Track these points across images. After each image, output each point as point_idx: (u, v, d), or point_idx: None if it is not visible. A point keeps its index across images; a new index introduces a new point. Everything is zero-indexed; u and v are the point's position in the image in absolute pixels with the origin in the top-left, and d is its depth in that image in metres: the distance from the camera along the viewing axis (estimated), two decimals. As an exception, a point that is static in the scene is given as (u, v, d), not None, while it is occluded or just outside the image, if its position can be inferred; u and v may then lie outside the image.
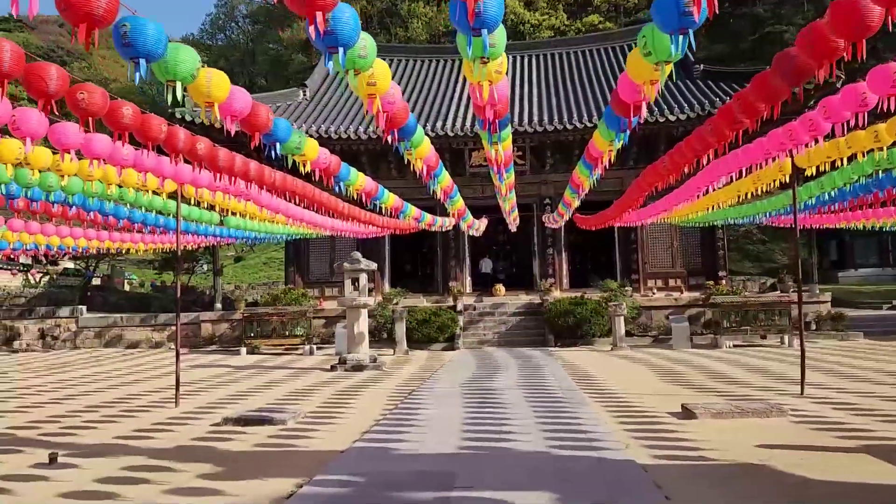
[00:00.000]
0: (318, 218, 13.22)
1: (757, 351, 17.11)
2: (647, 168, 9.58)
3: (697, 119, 21.99)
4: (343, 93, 27.21)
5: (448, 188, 8.94)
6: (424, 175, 7.16)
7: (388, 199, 10.33)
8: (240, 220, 14.16)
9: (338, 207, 11.34)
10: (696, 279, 24.42)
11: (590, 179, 11.23)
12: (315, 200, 10.01)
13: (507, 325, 21.62)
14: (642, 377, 12.27)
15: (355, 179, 8.31)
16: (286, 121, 5.87)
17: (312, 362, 17.04)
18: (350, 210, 12.15)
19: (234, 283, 40.98)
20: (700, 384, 11.07)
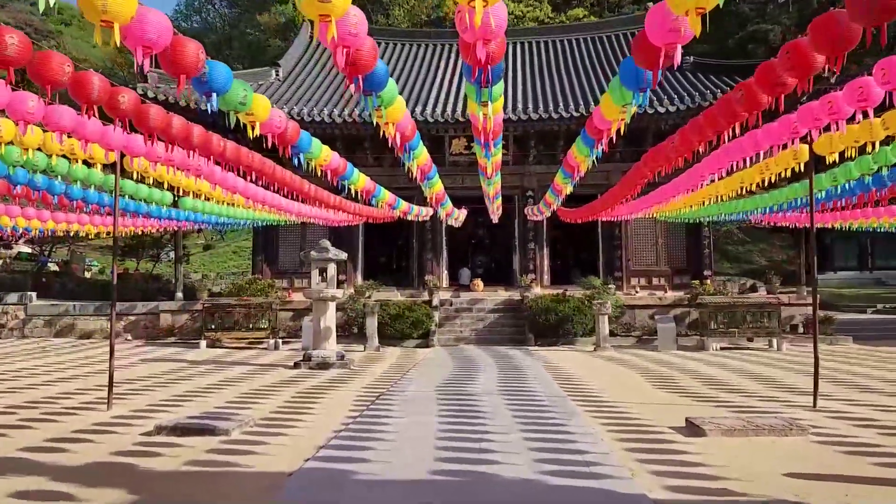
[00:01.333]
0: (282, 201, 12.04)
1: (746, 354, 16.26)
2: (650, 151, 8.55)
3: (687, 111, 21.13)
4: (319, 73, 25.96)
5: (426, 166, 7.84)
6: (398, 146, 6.05)
7: (357, 179, 9.19)
8: (196, 201, 12.92)
9: (303, 189, 10.18)
10: (681, 278, 23.60)
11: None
12: (275, 179, 8.85)
13: (485, 322, 20.59)
14: (632, 382, 11.29)
15: (318, 153, 7.17)
16: (225, 65, 4.73)
17: (276, 358, 15.86)
18: (317, 193, 10.99)
19: (201, 273, 39.49)
20: (696, 392, 10.11)
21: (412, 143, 7.66)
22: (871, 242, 39.80)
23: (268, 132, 5.79)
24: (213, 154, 7.08)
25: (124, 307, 21.90)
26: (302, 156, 6.83)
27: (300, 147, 6.64)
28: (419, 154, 8.32)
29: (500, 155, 9.83)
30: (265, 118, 5.53)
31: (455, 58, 27.64)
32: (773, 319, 17.78)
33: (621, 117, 7.28)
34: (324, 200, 11.44)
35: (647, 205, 13.97)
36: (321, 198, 11.18)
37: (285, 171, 9.36)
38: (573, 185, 12.20)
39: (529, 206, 21.55)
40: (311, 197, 10.66)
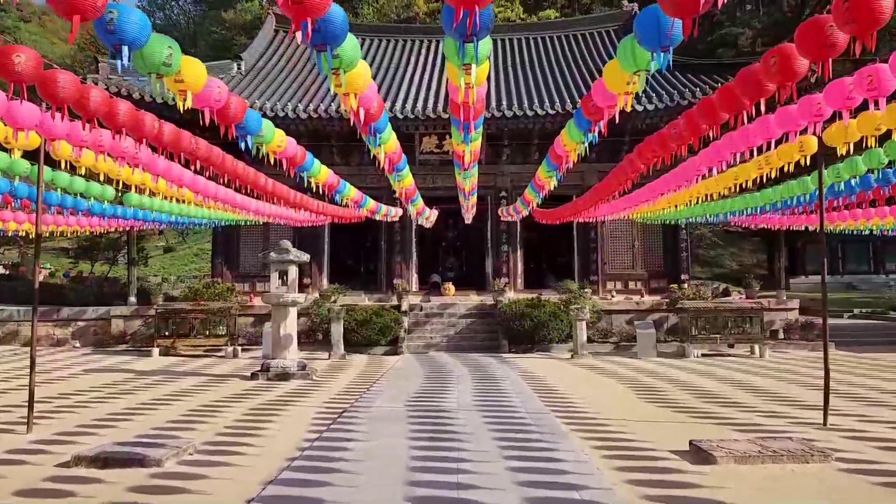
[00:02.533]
0: (236, 197, 10.97)
1: (729, 362, 15.58)
2: (645, 140, 7.68)
3: (666, 110, 20.50)
4: (284, 68, 24.82)
5: (394, 155, 6.88)
6: (362, 125, 5.09)
7: (318, 171, 8.19)
8: (143, 197, 11.78)
9: (258, 182, 9.14)
10: (658, 282, 22.94)
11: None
12: (225, 170, 7.81)
13: (456, 327, 19.66)
14: (618, 395, 10.45)
15: (269, 137, 6.17)
16: (141, 13, 3.72)
17: (233, 367, 14.73)
18: (275, 188, 9.95)
19: (161, 276, 37.92)
20: (689, 406, 9.30)
21: (379, 123, 6.72)
22: (842, 247, 39.83)
23: (204, 106, 4.79)
24: (146, 136, 6.04)
25: (72, 312, 20.55)
26: (250, 139, 5.82)
27: (247, 127, 5.64)
28: (387, 139, 7.38)
29: (480, 141, 8.97)
30: (199, 87, 4.53)
31: (426, 54, 26.75)
32: (755, 325, 17.14)
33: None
34: (283, 196, 10.40)
35: (634, 202, 13.16)
36: (279, 193, 10.13)
37: (237, 162, 8.33)
38: (558, 178, 11.46)
39: (503, 207, 20.72)
40: (267, 192, 9.61)
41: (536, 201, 15.51)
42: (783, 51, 4.31)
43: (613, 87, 4.65)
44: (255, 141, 6.07)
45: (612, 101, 5.08)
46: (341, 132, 21.29)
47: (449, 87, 4.47)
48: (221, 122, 5.22)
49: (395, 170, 7.47)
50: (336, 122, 20.68)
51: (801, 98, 5.72)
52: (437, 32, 29.00)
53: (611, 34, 27.37)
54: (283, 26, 27.85)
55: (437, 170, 22.34)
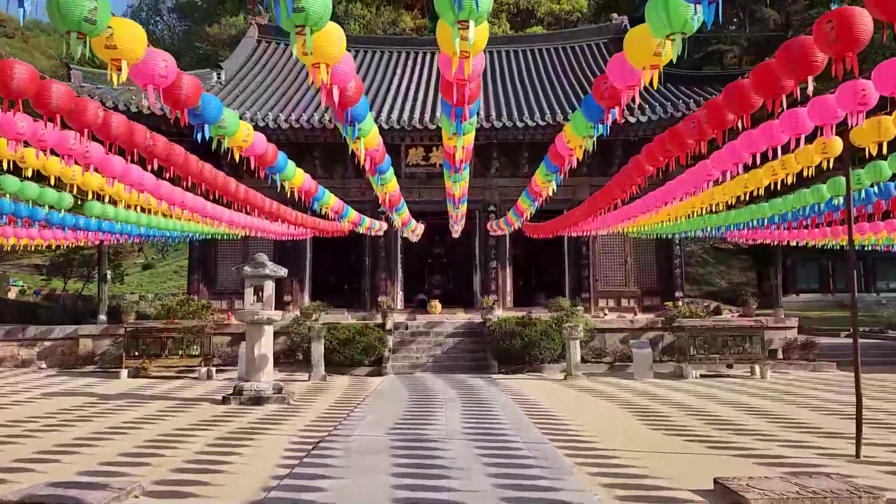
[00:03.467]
0: (206, 205, 10.10)
1: (731, 384, 14.81)
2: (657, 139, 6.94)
3: (658, 122, 19.89)
4: (266, 78, 24.05)
5: (376, 153, 6.09)
6: (336, 106, 4.29)
7: (293, 174, 7.37)
8: (107, 206, 10.89)
9: (227, 188, 8.30)
10: (651, 299, 22.25)
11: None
12: (188, 172, 6.97)
13: (443, 347, 18.78)
14: (620, 420, 9.63)
15: (233, 128, 5.36)
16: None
17: (205, 390, 13.77)
18: (248, 194, 9.11)
19: (139, 293, 36.75)
20: (700, 433, 8.50)
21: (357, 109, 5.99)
22: (832, 265, 39.45)
23: (145, 82, 3.98)
24: (91, 127, 5.21)
25: (39, 331, 19.50)
26: (207, 129, 5.00)
27: (204, 114, 4.82)
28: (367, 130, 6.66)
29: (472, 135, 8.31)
30: (136, 56, 3.71)
31: (413, 66, 26.10)
32: (755, 345, 16.42)
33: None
34: (256, 205, 9.55)
35: (632, 214, 12.41)
36: (252, 201, 9.29)
37: (203, 164, 7.50)
38: (558, 182, 10.81)
39: (492, 221, 19.97)
40: (239, 199, 8.77)
41: (530, 212, 14.81)
42: (842, 15, 3.57)
43: (637, 58, 3.89)
44: (215, 133, 5.25)
45: (634, 80, 4.36)
46: (325, 143, 20.51)
47: (440, 61, 3.74)
48: (170, 103, 4.40)
49: (377, 171, 6.66)
50: (319, 132, 19.91)
51: (842, 84, 5.00)
52: (423, 44, 28.42)
53: (600, 47, 26.88)
54: (266, 37, 27.17)
55: (424, 183, 21.62)
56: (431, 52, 27.26)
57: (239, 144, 5.74)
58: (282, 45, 26.80)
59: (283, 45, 26.81)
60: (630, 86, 4.29)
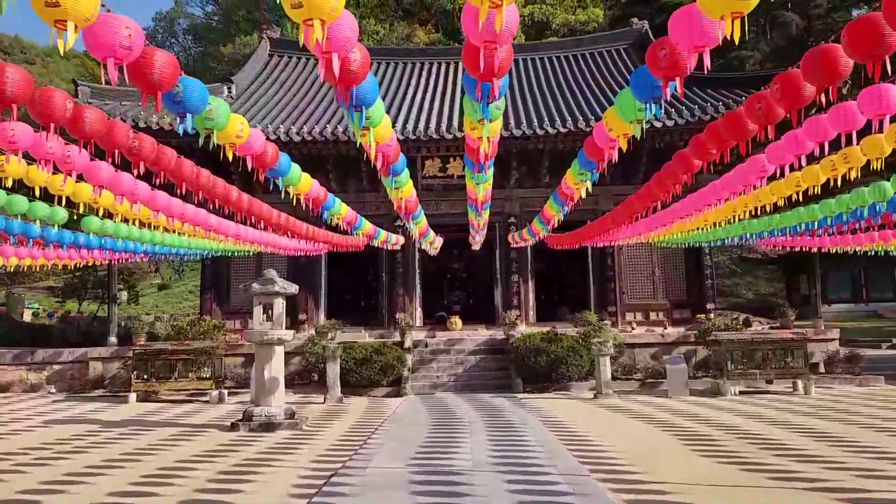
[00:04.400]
0: (210, 218, 9.39)
1: (773, 401, 13.82)
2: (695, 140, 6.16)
3: (686, 126, 19.05)
4: (277, 92, 23.54)
5: (389, 150, 5.33)
6: (339, 89, 3.55)
7: (297, 177, 6.63)
8: (106, 222, 10.24)
9: (228, 196, 7.58)
10: (681, 312, 21.26)
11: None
12: (178, 176, 6.26)
13: (465, 365, 17.93)
14: (665, 446, 8.73)
15: (223, 120, 4.63)
16: None
17: (215, 415, 13.04)
18: (252, 204, 8.39)
19: (154, 314, 36.28)
20: (757, 461, 7.59)
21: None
22: (865, 274, 38.11)
23: (104, 55, 3.25)
24: (79, 133, 4.55)
25: (48, 354, 18.92)
26: (190, 120, 4.27)
27: (186, 101, 4.10)
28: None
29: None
30: (86, 19, 2.97)
31: (427, 77, 25.49)
32: (798, 358, 15.39)
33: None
34: (262, 216, 8.83)
35: (667, 220, 11.54)
36: (257, 212, 8.57)
37: (200, 170, 6.80)
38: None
39: (513, 233, 19.17)
40: (241, 210, 8.06)
41: (558, 219, 14.21)
42: None
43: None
44: (201, 125, 4.52)
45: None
46: (338, 155, 19.88)
47: (464, 17, 3.06)
48: (140, 84, 3.67)
49: (391, 171, 5.90)
50: (332, 144, 19.27)
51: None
52: (437, 55, 27.84)
53: (621, 52, 26.14)
54: (278, 51, 26.72)
55: (441, 195, 20.88)
56: (446, 62, 26.68)
57: (231, 141, 5.02)
58: (294, 59, 26.34)
59: (295, 59, 26.35)
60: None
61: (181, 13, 73.90)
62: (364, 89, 3.97)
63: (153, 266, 48.15)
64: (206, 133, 4.66)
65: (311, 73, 25.28)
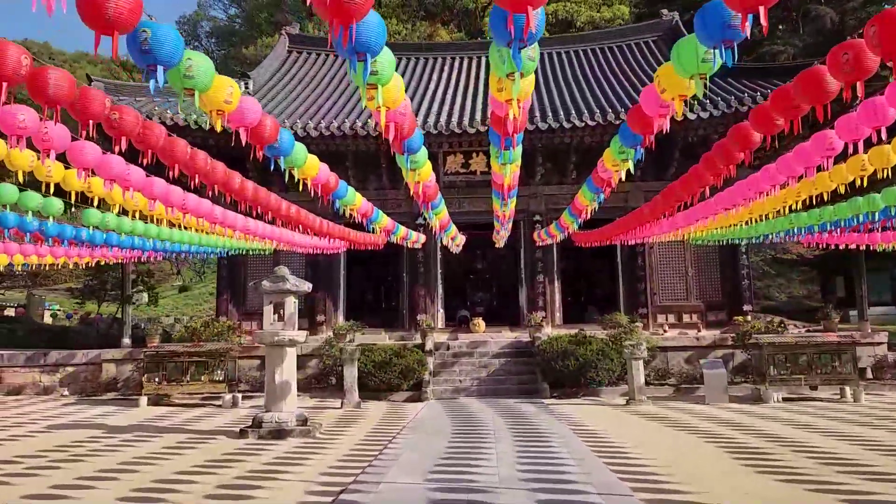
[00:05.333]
0: (215, 210, 8.71)
1: (821, 409, 12.84)
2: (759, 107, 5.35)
3: (721, 118, 18.12)
4: (296, 87, 22.97)
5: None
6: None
7: (302, 158, 5.90)
8: (108, 215, 9.63)
9: (230, 183, 6.89)
10: (716, 314, 20.29)
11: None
12: (174, 160, 5.57)
13: (488, 369, 17.12)
14: (713, 460, 7.86)
15: (205, 79, 3.92)
16: None
17: (226, 420, 12.40)
18: (257, 193, 7.69)
19: (174, 316, 35.94)
20: (824, 479, 6.70)
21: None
22: (905, 275, 36.54)
23: None
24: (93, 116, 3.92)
25: (62, 356, 18.45)
26: (161, 73, 3.56)
27: (155, 52, 3.38)
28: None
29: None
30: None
31: (449, 71, 24.77)
32: (846, 363, 14.36)
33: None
34: (268, 206, 8.12)
35: (707, 213, 10.65)
36: (262, 201, 7.85)
37: (196, 152, 6.12)
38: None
39: (538, 230, 18.37)
40: (244, 198, 7.35)
41: (574, 227, 13.55)
42: None
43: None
44: (176, 82, 3.80)
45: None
46: (357, 151, 19.21)
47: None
48: (90, 21, 2.95)
49: (406, 149, 5.17)
50: (350, 139, 18.61)
51: None
52: (460, 49, 27.11)
53: (650, 45, 25.21)
54: (297, 47, 26.19)
55: (464, 192, 20.15)
56: (468, 56, 25.95)
57: (219, 107, 4.30)
58: (313, 55, 25.79)
59: (314, 55, 25.80)
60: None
61: (204, 16, 74.14)
62: (368, 28, 3.23)
63: (175, 268, 48.03)
64: (186, 95, 3.94)
65: (330, 69, 24.72)
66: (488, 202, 20.59)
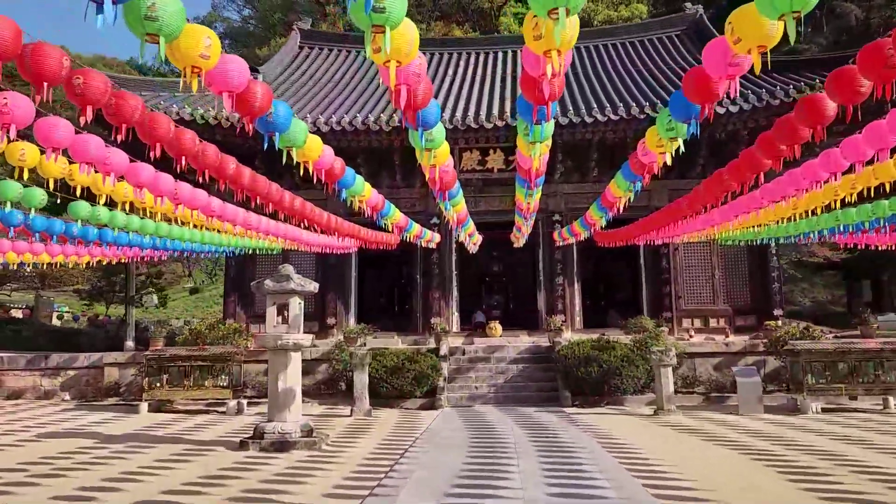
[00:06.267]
0: (209, 202, 7.96)
1: (866, 421, 11.92)
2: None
3: (752, 112, 17.22)
4: (307, 83, 22.30)
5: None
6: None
7: (301, 136, 5.14)
8: (98, 208, 8.91)
9: (224, 170, 6.14)
10: (744, 319, 19.33)
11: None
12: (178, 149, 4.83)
13: (506, 375, 16.28)
14: (763, 480, 6.99)
15: (176, 25, 3.17)
16: None
17: (229, 429, 11.66)
18: (255, 182, 6.93)
19: (184, 318, 35.39)
20: (889, 501, 5.84)
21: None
22: (933, 279, 35.29)
23: None
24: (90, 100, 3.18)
25: (63, 360, 17.83)
26: (110, 6, 2.80)
27: None
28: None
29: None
30: None
31: (465, 66, 23.99)
32: (890, 371, 13.42)
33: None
34: (268, 196, 7.35)
35: (750, 208, 9.78)
36: (261, 191, 7.08)
37: (182, 130, 5.38)
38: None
39: (558, 230, 17.55)
40: (240, 185, 6.59)
41: (600, 224, 12.68)
42: None
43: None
44: (139, 28, 3.04)
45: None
46: (369, 147, 18.47)
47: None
48: None
49: (419, 121, 4.40)
50: (363, 135, 17.88)
51: None
52: (474, 45, 26.35)
53: (673, 39, 24.32)
54: (308, 42, 25.54)
55: (480, 191, 19.38)
56: (484, 52, 25.18)
57: (193, 63, 3.53)
58: (325, 51, 25.14)
59: (326, 51, 25.15)
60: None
61: (218, 17, 73.90)
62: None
63: (186, 270, 47.57)
64: (148, 41, 3.18)
65: (342, 65, 24.05)
66: (505, 201, 19.92)
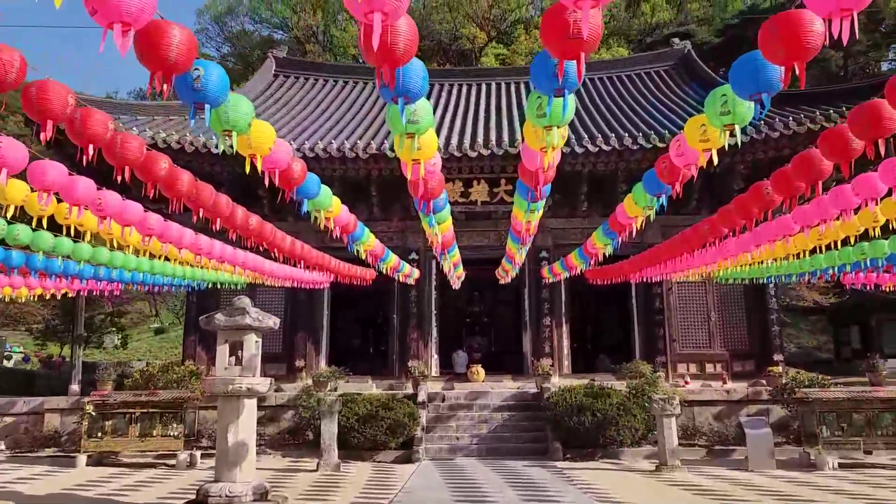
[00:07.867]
0: (143, 216, 6.62)
1: (892, 479, 10.68)
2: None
3: (750, 145, 16.40)
4: (280, 110, 21.21)
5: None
6: None
7: (244, 122, 3.90)
8: (42, 233, 7.53)
9: (173, 183, 4.86)
10: (742, 364, 18.19)
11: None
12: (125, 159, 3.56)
13: (489, 424, 14.84)
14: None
15: None
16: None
17: (174, 487, 10.12)
18: (216, 203, 5.62)
19: (147, 359, 33.45)
20: None
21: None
22: (925, 325, 34.58)
23: None
24: None
25: (1, 403, 16.07)
26: None
27: None
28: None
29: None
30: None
31: (447, 96, 23.09)
32: (910, 423, 12.27)
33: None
34: (217, 212, 6.02)
35: (758, 242, 8.69)
36: (214, 208, 5.76)
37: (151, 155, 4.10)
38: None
39: (545, 267, 16.38)
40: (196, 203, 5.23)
41: (581, 268, 12.21)
42: None
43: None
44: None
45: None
46: (345, 175, 17.30)
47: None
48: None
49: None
50: (338, 162, 16.74)
51: None
52: (453, 76, 25.55)
53: (661, 74, 23.69)
54: (284, 70, 24.53)
55: (463, 225, 18.10)
56: (467, 84, 24.38)
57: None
58: (301, 79, 24.15)
59: (301, 79, 24.16)
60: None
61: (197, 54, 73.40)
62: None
63: (153, 309, 45.58)
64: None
65: (317, 94, 23.04)
66: (489, 236, 18.76)
